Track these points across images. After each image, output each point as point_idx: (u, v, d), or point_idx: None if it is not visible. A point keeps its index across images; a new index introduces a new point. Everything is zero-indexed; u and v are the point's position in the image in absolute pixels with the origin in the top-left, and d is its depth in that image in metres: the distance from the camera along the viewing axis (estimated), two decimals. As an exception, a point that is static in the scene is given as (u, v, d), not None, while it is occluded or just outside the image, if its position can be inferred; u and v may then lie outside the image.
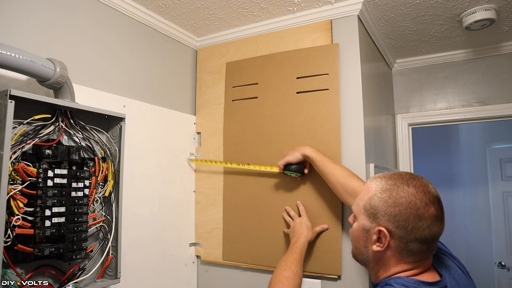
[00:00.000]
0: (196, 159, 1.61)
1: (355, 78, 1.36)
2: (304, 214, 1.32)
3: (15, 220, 0.88)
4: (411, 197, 0.71)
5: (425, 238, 0.70)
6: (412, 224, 0.70)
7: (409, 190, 0.72)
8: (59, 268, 1.04)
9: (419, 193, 0.71)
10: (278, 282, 1.00)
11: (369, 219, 0.76)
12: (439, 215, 0.71)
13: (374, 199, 0.75)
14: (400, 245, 0.72)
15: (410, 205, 0.71)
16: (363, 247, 0.78)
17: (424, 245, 0.71)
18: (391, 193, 0.73)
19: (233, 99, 1.58)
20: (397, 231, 0.71)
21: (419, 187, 0.73)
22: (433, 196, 0.72)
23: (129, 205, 1.30)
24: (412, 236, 0.70)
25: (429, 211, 0.70)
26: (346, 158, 1.33)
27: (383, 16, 1.51)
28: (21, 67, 0.90)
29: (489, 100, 1.87)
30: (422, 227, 0.70)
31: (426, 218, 0.70)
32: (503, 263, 2.90)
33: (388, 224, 0.72)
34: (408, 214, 0.70)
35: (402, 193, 0.72)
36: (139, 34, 1.46)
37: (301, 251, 1.16)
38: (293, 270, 1.05)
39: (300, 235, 1.22)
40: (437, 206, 0.72)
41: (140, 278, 1.34)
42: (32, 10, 1.08)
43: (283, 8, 1.44)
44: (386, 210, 0.73)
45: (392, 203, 0.72)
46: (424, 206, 0.70)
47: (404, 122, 2.05)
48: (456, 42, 1.81)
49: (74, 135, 1.09)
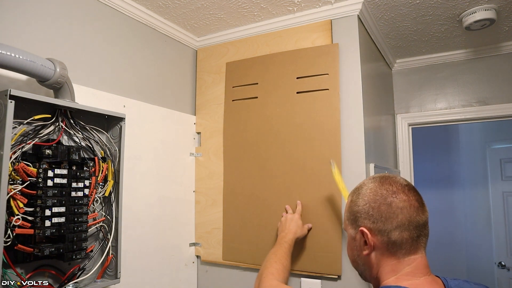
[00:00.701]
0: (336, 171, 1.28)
1: (355, 78, 1.36)
2: (298, 212, 1.33)
3: (15, 220, 0.88)
4: (376, 189, 0.75)
5: (402, 223, 0.71)
6: (384, 213, 0.72)
7: (374, 185, 0.77)
8: (59, 268, 1.04)
9: (385, 184, 0.75)
10: (269, 274, 1.02)
11: (352, 226, 0.79)
12: (411, 200, 0.73)
13: (350, 207, 0.80)
14: (383, 239, 0.73)
15: (377, 197, 0.74)
16: (357, 256, 0.80)
17: (406, 232, 0.71)
18: (359, 195, 0.78)
19: (233, 99, 1.58)
20: (375, 225, 0.73)
21: (384, 181, 0.76)
22: (401, 185, 0.75)
23: (129, 205, 1.30)
24: (389, 225, 0.72)
25: (398, 197, 0.73)
26: (346, 158, 1.33)
27: (383, 16, 1.51)
28: (21, 67, 0.90)
29: (489, 100, 1.87)
30: (395, 213, 0.71)
31: (396, 204, 0.72)
32: (503, 263, 2.90)
33: (366, 222, 0.75)
34: (378, 205, 0.73)
35: (368, 191, 0.77)
36: (139, 34, 1.46)
37: (289, 246, 1.18)
38: (283, 263, 1.08)
39: (289, 230, 1.24)
40: (407, 192, 0.74)
41: (140, 278, 1.34)
42: (32, 10, 1.08)
43: (283, 8, 1.44)
44: (360, 211, 0.76)
45: (362, 202, 0.76)
46: (392, 194, 0.73)
47: (404, 122, 2.05)
48: (456, 42, 1.81)
49: (74, 135, 1.09)
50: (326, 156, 1.34)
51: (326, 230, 1.31)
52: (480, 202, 3.16)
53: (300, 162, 1.39)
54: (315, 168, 1.36)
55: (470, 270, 3.10)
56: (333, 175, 1.25)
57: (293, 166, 1.40)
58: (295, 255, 1.34)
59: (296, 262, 1.34)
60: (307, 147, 1.38)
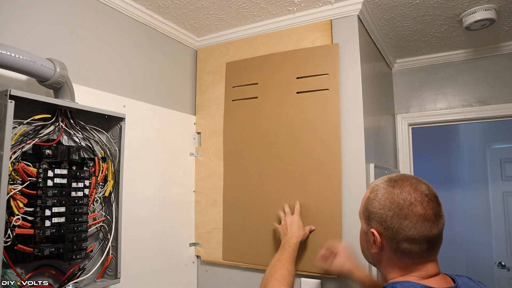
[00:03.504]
0: None
1: (355, 78, 1.36)
2: (297, 213, 1.31)
3: (15, 220, 0.88)
4: (394, 197, 0.73)
5: (413, 238, 0.70)
6: (396, 224, 0.71)
7: (394, 191, 0.74)
8: (59, 268, 1.04)
9: (404, 193, 0.72)
10: (274, 280, 1.01)
11: (365, 222, 0.79)
12: (428, 214, 0.70)
13: (367, 204, 0.79)
14: (391, 245, 0.73)
15: (393, 205, 0.72)
16: (366, 249, 0.81)
17: (415, 245, 0.70)
18: (377, 196, 0.76)
19: (233, 99, 1.58)
20: (386, 232, 0.73)
21: (405, 187, 0.73)
22: (421, 195, 0.72)
23: (129, 205, 1.30)
24: (400, 236, 0.71)
25: (414, 210, 0.70)
26: (346, 158, 1.33)
27: (383, 16, 1.51)
28: (21, 67, 0.90)
29: (489, 100, 1.87)
30: (407, 226, 0.70)
31: (411, 217, 0.70)
32: (503, 263, 2.90)
33: (378, 226, 0.74)
34: (392, 215, 0.72)
35: (386, 195, 0.74)
36: (139, 34, 1.46)
37: (293, 251, 1.16)
38: (287, 268, 1.06)
39: (293, 234, 1.23)
40: (426, 205, 0.71)
41: (140, 278, 1.34)
42: (32, 10, 1.08)
43: (283, 8, 1.44)
44: (375, 213, 0.75)
45: (378, 206, 0.75)
46: (409, 205, 0.71)
47: (404, 122, 2.05)
48: (456, 42, 1.81)
49: (74, 135, 1.09)
50: (326, 156, 1.34)
51: (326, 230, 1.31)
52: (480, 202, 3.16)
53: (300, 162, 1.39)
54: (315, 168, 1.35)
55: (470, 270, 3.11)
56: None
57: (293, 166, 1.40)
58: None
59: (296, 262, 1.33)
60: (307, 147, 1.38)
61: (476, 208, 3.19)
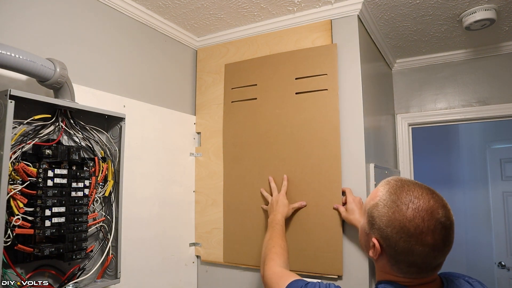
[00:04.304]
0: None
1: (355, 78, 1.36)
2: (282, 193, 1.35)
3: (15, 220, 0.88)
4: (405, 222, 0.65)
5: (415, 263, 0.67)
6: (401, 248, 0.66)
7: (407, 213, 0.66)
8: (59, 268, 1.04)
9: (417, 218, 0.65)
10: (270, 260, 1.03)
11: (368, 224, 0.75)
12: (437, 244, 0.65)
13: (374, 210, 0.73)
14: (390, 259, 0.71)
15: (403, 230, 0.66)
16: (365, 246, 0.80)
17: (414, 268, 0.68)
18: (388, 211, 0.69)
19: (232, 101, 1.58)
20: (388, 249, 0.70)
21: (421, 211, 0.65)
22: (435, 223, 0.65)
23: (129, 205, 1.30)
24: (401, 258, 0.68)
25: (423, 240, 0.64)
26: (346, 158, 1.33)
27: (383, 16, 1.51)
28: (21, 67, 0.90)
29: (489, 100, 1.87)
30: (413, 253, 0.65)
31: (418, 246, 0.65)
32: (503, 263, 2.90)
33: (379, 237, 0.71)
34: (398, 238, 0.66)
35: (397, 215, 0.67)
36: (139, 34, 1.46)
37: (281, 226, 1.20)
38: (280, 245, 1.10)
39: (277, 211, 1.27)
40: (438, 234, 0.64)
41: (140, 278, 1.34)
42: (32, 10, 1.08)
43: (283, 8, 1.44)
44: (380, 226, 0.70)
45: (386, 223, 0.69)
46: (419, 234, 0.64)
47: (404, 122, 2.05)
48: (456, 42, 1.81)
49: (74, 135, 1.09)
50: (326, 156, 1.34)
51: (327, 230, 1.31)
52: (480, 202, 3.16)
53: (300, 163, 1.39)
54: (315, 168, 1.35)
55: (470, 270, 3.11)
56: None
57: (293, 166, 1.40)
58: (296, 255, 1.34)
59: (297, 262, 1.34)
60: (306, 147, 1.38)
61: (476, 208, 3.19)
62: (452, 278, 0.77)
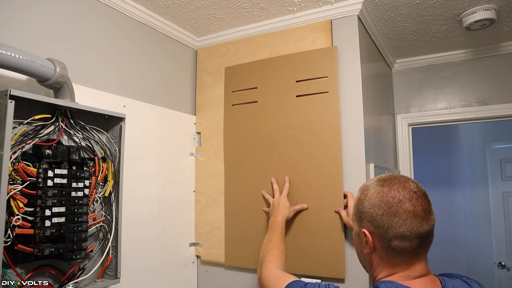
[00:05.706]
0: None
1: (355, 78, 1.36)
2: (284, 194, 1.35)
3: (15, 220, 0.88)
4: (383, 196, 0.74)
5: (403, 235, 0.71)
6: (387, 222, 0.72)
7: (383, 189, 0.75)
8: (59, 268, 1.04)
9: (393, 191, 0.74)
10: (268, 262, 1.04)
11: (357, 223, 0.80)
12: (417, 210, 0.71)
13: (358, 205, 0.80)
14: (383, 244, 0.74)
15: (383, 203, 0.73)
16: (360, 251, 0.82)
17: (406, 242, 0.71)
18: (367, 196, 0.77)
19: (233, 104, 1.58)
20: (377, 230, 0.74)
21: (394, 185, 0.75)
22: (410, 192, 0.73)
23: (129, 205, 1.30)
24: (391, 234, 0.72)
25: (403, 207, 0.71)
26: (347, 159, 1.33)
27: (383, 16, 1.51)
28: (21, 67, 0.90)
29: (489, 100, 1.87)
30: (398, 223, 0.71)
31: (400, 214, 0.71)
32: (503, 263, 2.90)
33: (369, 225, 0.75)
34: (382, 213, 0.73)
35: (376, 194, 0.76)
36: (139, 34, 1.46)
37: (281, 228, 1.21)
38: (278, 247, 1.11)
39: (278, 213, 1.28)
40: (414, 201, 0.72)
41: (140, 278, 1.34)
42: (32, 10, 1.08)
43: (283, 8, 1.44)
44: (365, 213, 0.76)
45: (368, 205, 0.76)
46: (398, 202, 0.72)
47: (404, 122, 2.05)
48: (456, 42, 1.81)
49: (74, 135, 1.09)
50: (327, 159, 1.34)
51: (329, 233, 1.31)
52: (480, 202, 3.16)
53: (301, 165, 1.39)
54: (316, 170, 1.35)
55: (470, 270, 3.11)
56: None
57: (295, 169, 1.40)
58: (298, 258, 1.34)
59: (299, 265, 1.34)
60: (307, 150, 1.38)
61: (476, 208, 3.19)
62: (450, 278, 0.77)
